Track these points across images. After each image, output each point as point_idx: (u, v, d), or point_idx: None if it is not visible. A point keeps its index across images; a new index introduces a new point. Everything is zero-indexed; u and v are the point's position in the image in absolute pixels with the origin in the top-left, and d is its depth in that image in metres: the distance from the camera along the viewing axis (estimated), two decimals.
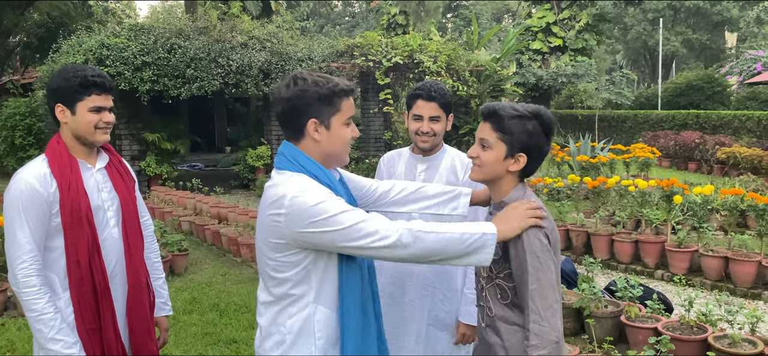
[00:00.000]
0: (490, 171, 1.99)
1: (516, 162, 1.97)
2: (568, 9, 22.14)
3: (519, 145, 1.95)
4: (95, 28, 13.32)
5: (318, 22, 41.34)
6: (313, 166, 1.92)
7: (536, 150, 1.97)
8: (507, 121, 1.94)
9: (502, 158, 1.97)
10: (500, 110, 1.97)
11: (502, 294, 1.99)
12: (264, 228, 1.89)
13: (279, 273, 1.89)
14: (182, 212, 9.37)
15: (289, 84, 1.92)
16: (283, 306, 1.91)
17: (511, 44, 16.07)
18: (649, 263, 6.58)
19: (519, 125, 1.94)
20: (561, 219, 7.49)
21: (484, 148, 1.99)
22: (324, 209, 1.79)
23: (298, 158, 1.92)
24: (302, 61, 12.84)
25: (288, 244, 1.84)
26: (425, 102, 2.64)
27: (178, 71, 11.81)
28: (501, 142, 1.96)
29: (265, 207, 1.87)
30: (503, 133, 1.95)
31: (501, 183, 2.02)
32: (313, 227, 1.79)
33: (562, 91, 22.80)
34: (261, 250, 1.94)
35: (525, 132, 1.94)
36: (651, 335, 4.01)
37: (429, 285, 2.69)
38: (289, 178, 1.87)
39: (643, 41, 37.67)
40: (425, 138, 2.67)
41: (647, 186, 7.35)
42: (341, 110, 1.94)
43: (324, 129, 1.92)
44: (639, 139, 17.88)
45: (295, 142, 1.95)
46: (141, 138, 12.60)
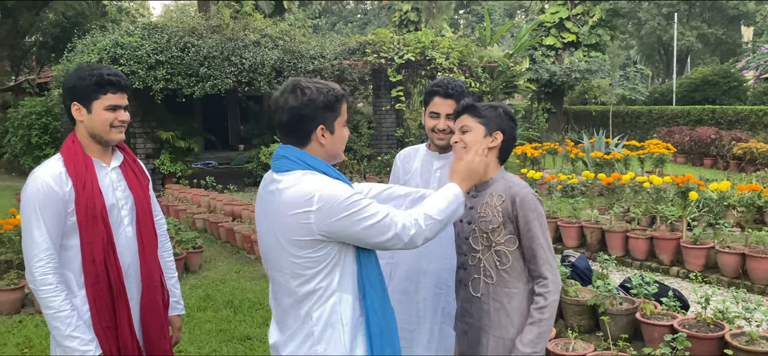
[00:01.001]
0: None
1: (494, 139, 2.26)
2: (582, 4, 21.99)
3: (494, 126, 2.25)
4: (109, 28, 13.43)
5: (330, 19, 41.39)
6: (322, 164, 1.98)
7: (508, 131, 2.28)
8: (482, 110, 2.27)
9: (482, 136, 2.25)
10: (471, 102, 2.31)
11: (502, 260, 2.21)
12: (287, 229, 1.90)
13: (307, 270, 1.92)
14: (196, 210, 9.43)
15: (296, 93, 1.96)
16: (311, 303, 1.94)
17: (524, 40, 16.01)
18: (664, 260, 6.52)
19: (492, 111, 2.27)
20: (575, 216, 7.45)
21: (465, 132, 2.26)
22: (355, 202, 1.87)
23: (305, 159, 1.97)
24: (314, 58, 12.86)
25: (316, 240, 1.88)
26: (442, 99, 2.63)
27: (191, 70, 11.87)
28: (479, 124, 2.25)
29: (288, 208, 1.89)
30: (480, 117, 2.26)
31: (485, 165, 2.26)
32: (347, 220, 1.86)
33: (576, 87, 22.67)
34: (282, 252, 1.95)
35: (497, 116, 2.27)
36: (667, 332, 3.97)
37: (443, 284, 2.69)
38: (307, 176, 1.91)
39: (658, 36, 37.31)
40: (441, 135, 2.66)
41: (662, 183, 7.29)
42: (341, 114, 2.04)
43: (329, 133, 2.01)
44: (654, 135, 17.73)
45: (300, 147, 2.00)
46: (155, 136, 12.68)
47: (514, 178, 2.29)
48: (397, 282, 2.73)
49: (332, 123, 2.01)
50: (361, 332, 1.98)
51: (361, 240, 1.92)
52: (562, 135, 19.55)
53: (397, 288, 2.73)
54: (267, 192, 2.03)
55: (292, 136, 2.00)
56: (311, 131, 1.97)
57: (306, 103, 1.95)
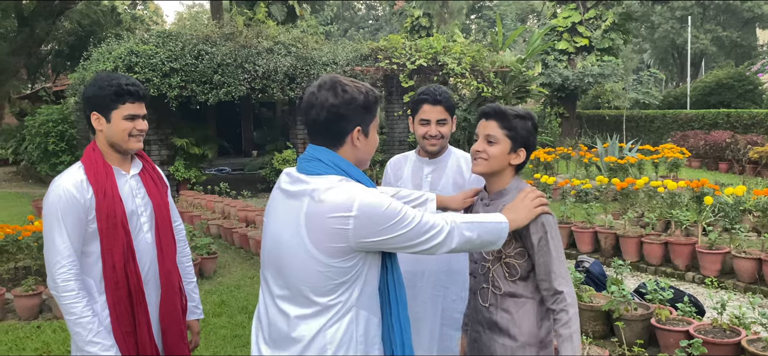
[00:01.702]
0: (497, 164, 2.20)
1: (517, 156, 2.21)
2: (594, 8, 21.91)
3: (521, 141, 2.19)
4: (124, 36, 13.57)
5: (342, 26, 41.52)
6: (356, 171, 1.91)
7: (531, 146, 2.24)
8: (512, 119, 2.19)
9: (507, 152, 2.19)
10: (505, 110, 2.21)
11: (511, 272, 2.19)
12: (322, 234, 1.80)
13: (331, 281, 1.83)
14: (210, 216, 9.49)
15: (335, 90, 1.87)
16: (329, 316, 1.85)
17: (537, 45, 15.97)
18: (679, 265, 6.48)
19: (521, 123, 2.19)
20: (589, 221, 7.42)
21: (490, 144, 2.19)
22: (393, 211, 1.82)
23: (339, 163, 1.88)
24: (327, 65, 12.92)
25: (349, 248, 1.81)
26: (431, 106, 2.69)
27: (205, 77, 11.97)
28: (507, 138, 2.18)
29: (327, 212, 1.79)
30: (509, 130, 2.18)
31: (502, 175, 2.24)
32: (385, 233, 1.80)
33: (589, 92, 22.57)
34: (307, 258, 1.83)
35: (525, 129, 2.20)
36: (682, 338, 3.95)
37: (440, 286, 2.73)
38: (341, 182, 1.84)
39: (671, 40, 37.06)
40: (434, 141, 2.72)
41: (677, 187, 7.25)
42: (376, 117, 1.98)
43: (364, 137, 1.93)
44: (668, 140, 17.61)
45: (332, 148, 1.90)
46: (170, 143, 12.79)
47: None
48: None
49: (368, 126, 1.93)
50: (375, 349, 1.91)
51: (399, 246, 1.85)
52: (575, 139, 19.47)
53: None
54: (289, 194, 1.90)
55: (325, 136, 1.90)
56: (347, 132, 1.89)
57: (347, 101, 1.86)
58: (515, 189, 2.22)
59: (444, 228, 1.89)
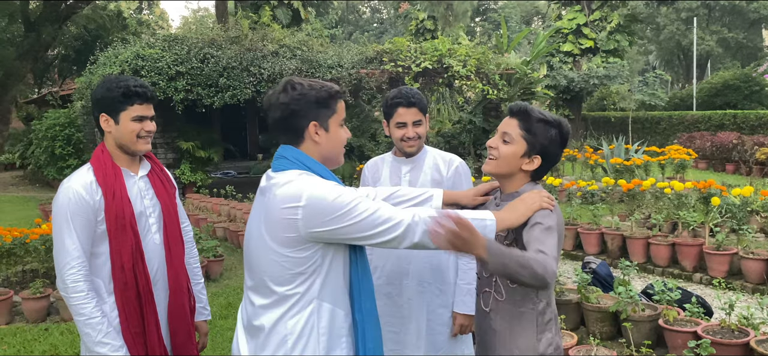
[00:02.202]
0: (505, 165, 2.10)
1: (530, 162, 2.09)
2: (599, 10, 21.89)
3: (538, 147, 2.08)
4: (130, 40, 13.63)
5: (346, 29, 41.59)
6: (318, 166, 1.96)
7: (551, 156, 2.11)
8: (534, 122, 2.07)
9: (519, 155, 2.08)
10: (530, 111, 2.09)
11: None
12: (275, 225, 1.87)
13: (287, 271, 1.88)
14: (216, 219, 9.51)
15: (286, 89, 1.95)
16: (287, 306, 1.89)
17: (542, 47, 15.96)
18: (686, 266, 6.45)
19: (543, 129, 2.07)
20: (595, 223, 7.40)
21: (505, 143, 2.09)
22: (341, 202, 1.83)
23: (302, 159, 1.95)
24: (332, 68, 12.93)
25: (301, 238, 1.85)
26: (406, 108, 2.73)
27: (211, 80, 12.00)
28: (523, 140, 2.07)
29: (278, 204, 1.87)
30: (528, 132, 2.07)
31: (513, 179, 2.13)
32: (333, 223, 1.83)
33: (594, 93, 22.54)
34: (265, 249, 1.91)
35: (547, 137, 2.07)
36: (690, 339, 3.94)
37: (424, 282, 2.75)
38: (300, 176, 1.90)
39: (677, 41, 36.98)
40: (412, 143, 2.76)
41: (683, 188, 7.22)
42: (337, 112, 2.01)
43: (323, 131, 1.98)
44: (674, 141, 17.56)
45: (295, 146, 1.98)
46: (176, 146, 12.83)
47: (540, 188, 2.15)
48: (381, 286, 2.79)
49: (326, 120, 1.98)
50: (342, 342, 1.93)
51: (352, 237, 1.87)
52: (581, 141, 19.44)
53: (381, 292, 2.78)
54: (261, 191, 2.01)
55: (285, 134, 1.98)
56: (304, 128, 1.95)
57: (296, 98, 1.93)
58: (529, 191, 2.11)
59: (402, 222, 1.87)
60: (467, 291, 2.73)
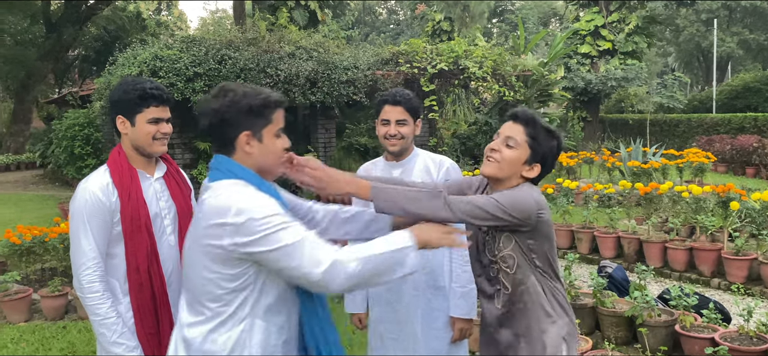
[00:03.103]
0: (507, 169, 2.11)
1: (531, 169, 2.13)
2: (617, 11, 21.69)
3: (540, 156, 2.11)
4: (149, 41, 13.76)
5: (363, 30, 41.66)
6: (253, 177, 1.86)
7: (548, 166, 2.15)
8: (539, 130, 2.10)
9: (522, 161, 2.11)
10: (537, 118, 2.13)
11: (509, 263, 2.13)
12: (203, 239, 1.79)
13: (217, 287, 1.79)
14: None
15: (218, 95, 1.86)
16: (217, 322, 1.81)
17: (559, 48, 15.86)
18: (704, 271, 6.38)
19: (547, 139, 2.11)
20: (612, 226, 7.34)
21: (509, 147, 2.10)
22: (268, 223, 1.73)
23: (234, 170, 1.85)
24: (348, 69, 12.96)
25: (229, 254, 1.76)
26: (391, 106, 2.74)
27: (228, 81, 12.08)
28: (528, 147, 2.09)
29: (206, 218, 1.78)
30: (533, 139, 2.10)
31: (509, 183, 2.14)
32: (258, 245, 1.73)
33: (612, 95, 22.35)
34: (196, 263, 1.83)
35: (548, 146, 2.11)
36: (708, 345, 3.89)
37: (418, 286, 2.75)
38: (235, 187, 1.81)
39: (697, 43, 36.55)
40: (393, 141, 2.76)
41: (702, 192, 7.14)
42: (273, 122, 1.91)
43: (256, 141, 1.88)
44: (693, 144, 17.35)
45: (228, 155, 1.89)
46: (193, 147, 12.92)
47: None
48: (380, 293, 2.80)
49: (260, 130, 1.87)
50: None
51: (269, 263, 1.76)
52: (598, 144, 19.29)
53: (381, 299, 2.81)
54: (198, 202, 1.93)
55: (216, 143, 1.89)
56: (234, 137, 1.85)
57: (227, 105, 1.83)
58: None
59: (322, 262, 1.74)
60: (461, 294, 2.73)
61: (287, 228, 1.75)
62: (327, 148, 13.84)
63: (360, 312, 3.01)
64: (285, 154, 1.98)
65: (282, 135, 1.95)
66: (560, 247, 7.68)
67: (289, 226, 1.76)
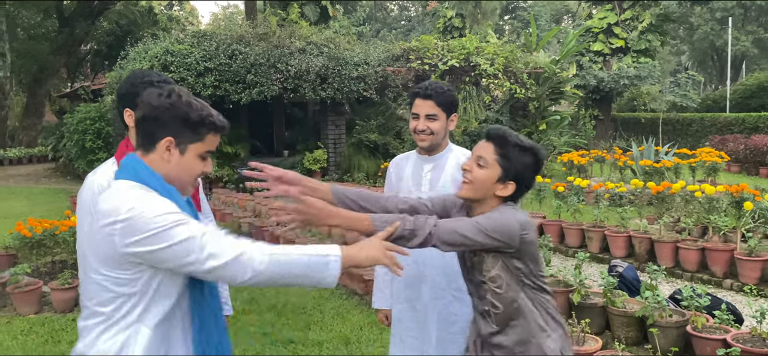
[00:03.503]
0: (480, 189, 2.08)
1: (504, 188, 2.07)
2: (631, 9, 21.53)
3: (513, 173, 2.06)
4: (160, 35, 13.81)
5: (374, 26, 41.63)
6: (158, 183, 1.80)
7: (525, 182, 2.09)
8: (510, 147, 2.06)
9: (494, 180, 2.06)
10: (507, 135, 2.08)
11: (498, 284, 2.10)
12: (96, 240, 1.74)
13: (107, 290, 1.74)
14: (242, 214, 9.59)
15: (163, 93, 1.81)
16: (104, 327, 1.75)
17: (571, 46, 15.77)
18: (716, 272, 6.31)
19: (519, 155, 2.06)
20: (623, 225, 7.28)
21: (480, 166, 2.07)
22: (161, 222, 1.68)
23: (140, 170, 1.80)
24: (358, 65, 12.95)
25: (122, 257, 1.70)
26: (422, 100, 2.65)
27: (238, 77, 12.10)
28: (498, 165, 2.06)
29: (99, 218, 1.72)
30: (503, 157, 2.05)
31: (486, 203, 2.10)
32: (147, 243, 1.68)
33: (624, 94, 22.20)
34: (87, 267, 1.78)
35: (522, 163, 2.06)
36: (720, 347, 3.84)
37: (438, 288, 2.69)
38: (129, 188, 1.76)
39: (711, 41, 36.22)
40: (422, 136, 2.69)
41: (715, 192, 7.06)
42: (204, 142, 1.84)
43: (177, 152, 1.82)
44: (706, 143, 17.21)
45: (143, 153, 1.83)
46: None
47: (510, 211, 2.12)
48: (400, 290, 2.77)
49: (187, 144, 1.81)
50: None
51: (165, 262, 1.71)
52: (609, 142, 19.17)
53: (400, 297, 2.77)
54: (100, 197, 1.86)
55: (140, 136, 1.83)
56: (158, 138, 1.79)
57: (166, 105, 1.78)
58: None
59: (223, 254, 1.71)
60: None
61: (180, 224, 1.70)
62: (337, 144, 13.82)
63: (386, 309, 2.95)
64: (199, 179, 1.91)
65: (207, 159, 1.88)
66: (570, 246, 7.62)
67: (182, 223, 1.71)
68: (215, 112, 1.86)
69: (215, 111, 1.86)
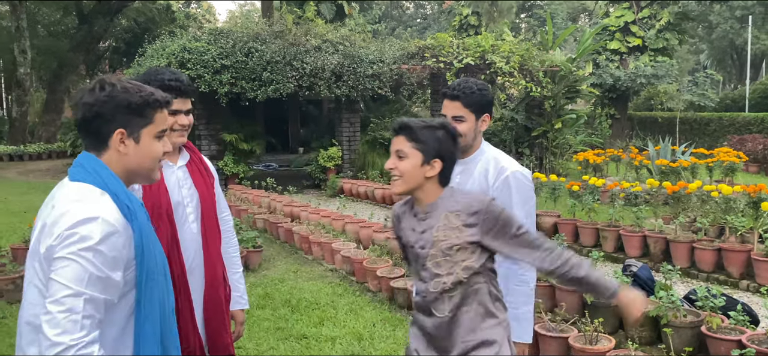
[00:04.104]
0: (411, 179, 2.12)
1: (432, 167, 2.12)
2: (648, 7, 21.33)
3: (433, 152, 2.10)
4: (178, 33, 13.94)
5: (389, 24, 41.60)
6: (114, 182, 1.71)
7: (448, 155, 2.13)
8: (418, 131, 2.11)
9: (419, 165, 2.11)
10: (410, 123, 2.14)
11: (468, 274, 2.14)
12: (43, 245, 1.63)
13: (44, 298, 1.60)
14: (257, 210, 9.66)
15: (95, 88, 1.71)
16: (33, 336, 1.64)
17: (588, 44, 15.66)
18: (733, 273, 6.25)
19: (430, 134, 2.11)
20: (638, 225, 7.24)
21: (400, 159, 2.12)
22: (82, 242, 1.56)
23: (100, 171, 1.71)
24: (373, 63, 12.97)
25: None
26: (449, 101, 2.56)
27: (254, 74, 12.18)
28: (416, 150, 2.10)
29: (52, 225, 1.62)
30: (417, 142, 2.10)
31: (424, 190, 2.15)
32: (63, 263, 1.55)
33: (641, 93, 22.00)
34: (31, 269, 1.68)
35: (436, 139, 2.11)
36: (735, 348, 3.82)
37: None
38: (87, 195, 1.66)
39: (730, 40, 35.77)
40: None
41: (732, 192, 6.99)
42: (154, 122, 1.77)
43: (132, 141, 1.74)
44: (724, 143, 17.02)
45: (96, 154, 1.74)
46: (219, 138, 13.07)
47: (464, 192, 2.20)
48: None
49: (138, 130, 1.74)
50: None
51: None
52: (626, 141, 19.02)
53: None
54: (52, 196, 1.77)
55: (88, 138, 1.74)
56: (108, 134, 1.71)
57: (103, 99, 1.69)
58: (449, 197, 2.13)
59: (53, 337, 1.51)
60: (514, 316, 2.44)
61: (88, 252, 1.56)
62: (351, 142, 13.86)
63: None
64: (162, 157, 1.84)
65: (164, 137, 1.82)
66: (585, 245, 7.59)
67: (93, 252, 1.57)
68: (152, 88, 1.80)
69: (151, 87, 1.80)
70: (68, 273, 1.55)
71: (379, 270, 5.87)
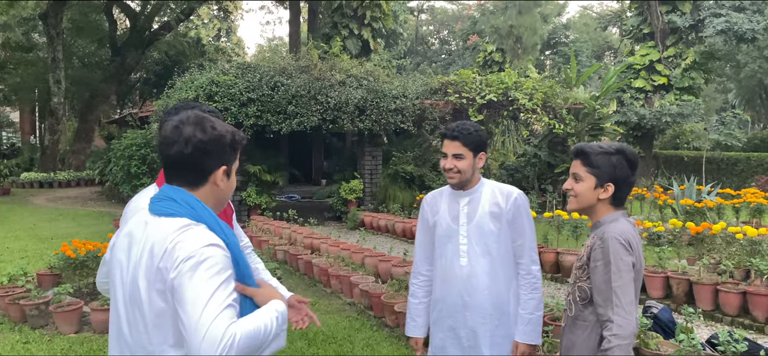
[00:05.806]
0: (584, 199, 2.36)
1: (605, 191, 2.33)
2: (674, 46, 21.25)
3: (606, 176, 2.31)
4: (207, 66, 14.24)
5: (415, 59, 41.96)
6: (210, 217, 1.74)
7: (622, 180, 2.33)
8: (593, 157, 2.33)
9: (592, 188, 2.34)
10: (587, 148, 2.37)
11: (582, 296, 2.31)
12: (152, 276, 1.67)
13: (173, 332, 1.68)
14: (278, 242, 9.73)
15: (204, 126, 1.75)
16: None
17: (612, 82, 15.64)
18: (758, 317, 6.11)
19: (605, 160, 2.32)
20: (661, 266, 7.14)
21: (576, 181, 2.37)
22: (208, 285, 1.59)
23: (193, 204, 1.73)
24: (396, 98, 13.10)
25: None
26: (449, 141, 2.83)
27: (280, 107, 12.38)
28: (590, 174, 2.33)
29: (156, 256, 1.66)
30: (591, 167, 2.33)
31: (595, 209, 2.37)
32: (178, 279, 1.61)
33: (667, 131, 21.82)
34: (146, 307, 1.72)
35: (610, 165, 2.31)
36: None
37: (486, 314, 2.80)
38: (191, 230, 1.68)
39: (759, 79, 35.26)
40: (451, 174, 2.84)
41: (757, 234, 6.88)
42: (238, 159, 1.90)
43: (226, 177, 1.83)
44: (752, 184, 16.73)
45: (189, 188, 1.77)
46: (243, 170, 13.25)
47: (617, 224, 2.29)
48: (442, 318, 2.87)
49: (231, 166, 1.84)
50: None
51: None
52: (650, 180, 18.82)
53: (443, 325, 2.88)
54: (141, 235, 1.77)
55: (187, 174, 1.76)
56: (212, 170, 1.77)
57: (215, 138, 1.76)
58: (610, 221, 2.30)
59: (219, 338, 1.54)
60: (528, 320, 2.78)
61: (217, 299, 1.60)
62: (373, 175, 13.94)
63: (418, 337, 3.04)
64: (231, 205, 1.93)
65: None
66: None
67: (221, 299, 1.60)
68: (232, 127, 1.87)
69: (231, 126, 1.87)
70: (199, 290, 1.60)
71: (396, 305, 5.86)
